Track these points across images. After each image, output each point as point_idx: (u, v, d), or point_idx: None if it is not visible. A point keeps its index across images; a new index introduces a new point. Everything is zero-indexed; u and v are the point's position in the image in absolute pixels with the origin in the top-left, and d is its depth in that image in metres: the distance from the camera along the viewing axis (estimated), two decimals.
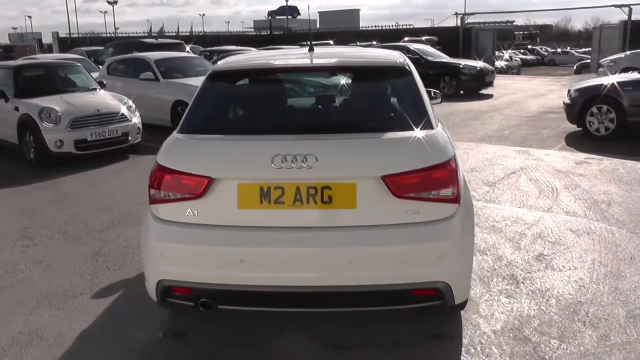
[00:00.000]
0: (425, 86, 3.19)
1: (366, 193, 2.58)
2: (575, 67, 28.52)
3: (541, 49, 45.53)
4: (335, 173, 2.58)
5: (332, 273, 2.57)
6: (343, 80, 3.03)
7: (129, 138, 7.72)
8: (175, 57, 10.40)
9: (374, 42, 23.17)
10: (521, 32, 60.48)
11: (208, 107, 3.02)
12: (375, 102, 3.02)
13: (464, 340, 2.97)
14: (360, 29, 44.05)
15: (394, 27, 37.76)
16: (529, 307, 3.30)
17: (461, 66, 15.54)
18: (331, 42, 19.18)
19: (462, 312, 3.20)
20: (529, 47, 46.90)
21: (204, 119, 2.97)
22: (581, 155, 7.15)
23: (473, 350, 2.87)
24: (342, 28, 41.09)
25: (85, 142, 7.19)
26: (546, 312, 3.24)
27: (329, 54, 3.49)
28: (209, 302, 2.68)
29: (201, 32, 48.74)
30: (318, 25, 59.13)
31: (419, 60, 17.37)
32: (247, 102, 3.15)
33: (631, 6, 22.66)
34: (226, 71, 3.18)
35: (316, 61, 3.16)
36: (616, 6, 23.52)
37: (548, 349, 2.87)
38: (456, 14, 33.96)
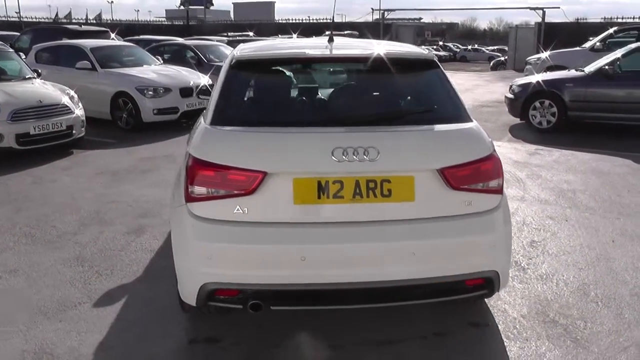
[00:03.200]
0: None
1: (423, 185, 2.56)
2: (491, 64, 30.29)
3: (453, 45, 47.71)
4: (395, 166, 2.53)
5: (395, 267, 2.53)
6: (378, 72, 2.97)
7: (73, 132, 7.15)
8: (112, 46, 9.77)
9: (347, 32, 22.93)
10: (429, 30, 63.00)
11: (240, 98, 2.85)
12: (416, 94, 3.00)
13: (499, 326, 3.05)
14: (277, 21, 43.83)
15: (315, 21, 37.89)
16: (543, 292, 3.45)
17: None
18: (294, 35, 18.95)
19: (486, 299, 3.28)
20: (441, 43, 48.93)
21: (239, 110, 2.80)
22: (531, 147, 7.60)
23: (512, 336, 2.96)
24: (257, 20, 40.60)
25: (27, 137, 6.54)
26: (561, 295, 3.41)
27: (351, 45, 3.41)
28: (260, 303, 2.53)
29: (110, 20, 45.95)
30: (232, 17, 58.04)
31: None
32: (284, 92, 3.01)
33: (545, 9, 24.35)
34: (253, 60, 3.01)
35: (346, 52, 3.08)
36: (531, 8, 25.20)
37: (577, 330, 3.02)
38: (373, 9, 34.81)
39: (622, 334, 2.99)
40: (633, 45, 8.52)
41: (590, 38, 15.51)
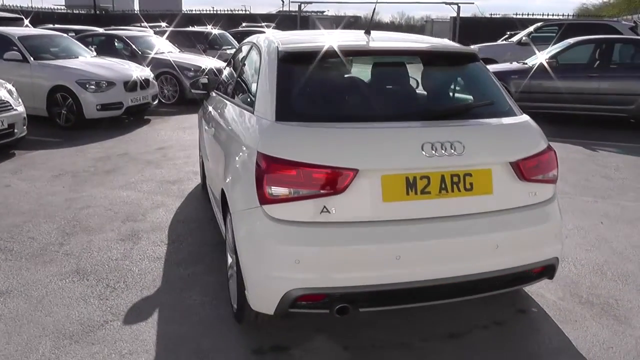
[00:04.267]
0: None
1: (499, 178, 2.58)
2: None
3: None
4: (477, 159, 2.52)
5: (481, 260, 2.52)
6: (435, 65, 2.94)
7: (15, 131, 6.44)
8: (43, 35, 8.93)
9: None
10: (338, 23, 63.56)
11: (303, 92, 2.69)
12: (474, 87, 2.98)
13: (546, 311, 3.15)
14: (186, 12, 42.13)
15: (229, 12, 36.89)
16: (567, 274, 3.61)
17: None
18: (209, 26, 18.25)
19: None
20: None
21: (306, 105, 2.65)
22: None
23: (561, 319, 3.07)
24: (165, 10, 38.81)
25: None
26: (584, 276, 3.59)
27: (397, 38, 3.34)
28: (348, 306, 2.43)
29: (20, 6, 41.46)
30: (137, 7, 55.03)
31: None
32: (348, 86, 2.88)
33: (459, 4, 25.44)
34: (305, 53, 2.84)
35: (395, 45, 3.02)
36: (447, 3, 26.18)
37: (613, 307, 3.19)
38: (283, 1, 34.49)
39: None
40: (571, 40, 9.17)
41: (508, 32, 16.50)
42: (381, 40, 3.03)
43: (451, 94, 2.98)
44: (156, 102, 9.67)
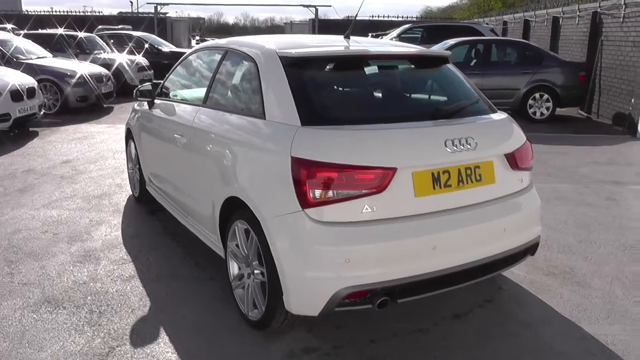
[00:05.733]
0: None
1: (498, 168, 2.87)
2: None
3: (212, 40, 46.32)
4: (484, 152, 2.78)
5: (493, 243, 2.78)
6: (424, 68, 3.15)
7: None
8: None
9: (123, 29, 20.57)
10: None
11: (321, 96, 2.73)
12: (459, 88, 3.21)
13: (522, 286, 3.54)
14: (29, 13, 38.26)
15: (81, 13, 34.13)
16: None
17: None
18: (60, 28, 16.66)
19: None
20: (198, 38, 47.10)
21: (329, 108, 2.70)
22: None
23: (537, 290, 3.47)
24: (4, 11, 34.87)
25: None
26: (614, 255, 4.03)
27: (382, 43, 3.48)
28: (388, 299, 2.54)
29: None
30: None
31: (150, 50, 16.72)
32: (362, 88, 2.95)
33: (317, 7, 26.41)
34: (308, 58, 2.88)
35: (398, 50, 3.22)
36: (304, 6, 27.02)
37: (571, 275, 3.67)
38: (131, 2, 32.80)
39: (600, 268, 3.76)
40: (452, 41, 10.08)
41: (370, 34, 17.44)
42: (371, 44, 3.19)
43: (453, 93, 3.20)
44: (42, 112, 8.82)
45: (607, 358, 2.75)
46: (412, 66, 3.22)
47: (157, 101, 4.36)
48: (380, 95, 2.99)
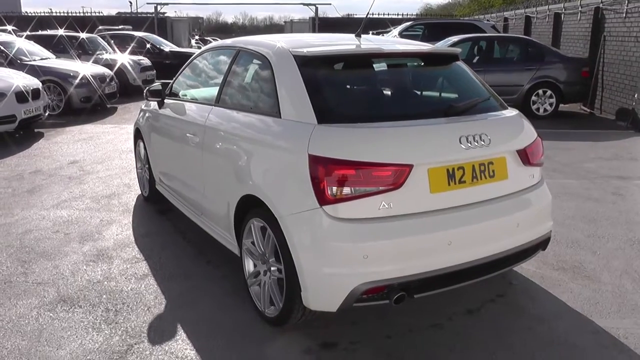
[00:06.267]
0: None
1: (511, 164, 2.89)
2: None
3: (212, 39, 46.88)
4: (498, 149, 2.80)
5: (507, 238, 2.81)
6: (435, 65, 3.17)
7: None
8: None
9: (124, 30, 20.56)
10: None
11: (337, 95, 2.76)
12: (470, 85, 3.24)
13: (533, 280, 3.57)
14: (29, 14, 38.27)
15: (80, 14, 34.14)
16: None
17: None
18: (61, 30, 16.70)
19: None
20: (197, 37, 47.07)
21: (345, 107, 2.73)
22: None
23: (547, 285, 3.50)
24: (3, 12, 34.86)
25: None
26: (622, 249, 4.05)
27: (393, 42, 3.50)
28: (405, 294, 2.57)
29: None
30: None
31: (152, 50, 16.74)
32: (375, 87, 2.98)
33: (317, 5, 26.43)
34: (322, 57, 2.90)
35: (403, 47, 3.23)
36: (304, 4, 27.03)
37: (580, 269, 3.69)
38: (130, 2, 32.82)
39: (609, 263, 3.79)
40: (454, 39, 10.10)
41: (371, 32, 17.44)
42: (383, 43, 3.21)
43: (464, 90, 3.22)
44: (47, 113, 8.85)
45: (619, 351, 2.78)
46: (424, 64, 3.25)
47: (167, 101, 4.38)
48: (393, 92, 3.02)
